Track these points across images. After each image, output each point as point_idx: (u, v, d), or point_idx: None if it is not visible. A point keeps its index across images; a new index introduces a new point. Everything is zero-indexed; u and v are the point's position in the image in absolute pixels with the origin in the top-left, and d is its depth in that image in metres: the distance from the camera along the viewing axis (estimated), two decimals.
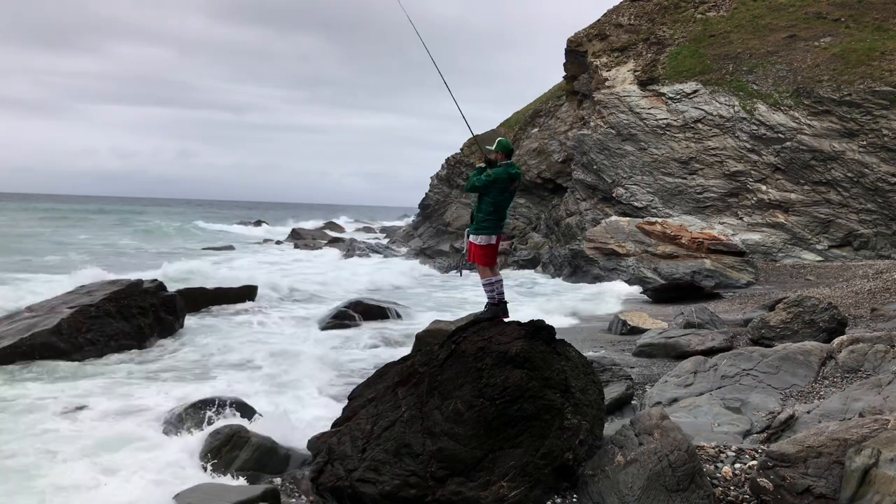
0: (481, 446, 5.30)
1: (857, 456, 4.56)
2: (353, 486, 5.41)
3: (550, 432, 5.38)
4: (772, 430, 6.99)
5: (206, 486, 6.69)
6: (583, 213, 32.19)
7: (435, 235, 41.10)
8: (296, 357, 13.14)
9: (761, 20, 31.81)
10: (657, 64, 31.25)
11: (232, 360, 12.72)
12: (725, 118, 28.53)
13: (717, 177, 28.50)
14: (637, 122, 30.66)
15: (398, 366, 6.46)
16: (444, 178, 46.39)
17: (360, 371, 11.56)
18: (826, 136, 26.33)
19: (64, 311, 12.96)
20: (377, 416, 5.82)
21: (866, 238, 25.60)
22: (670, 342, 11.75)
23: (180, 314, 14.82)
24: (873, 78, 26.06)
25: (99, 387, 10.78)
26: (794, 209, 26.78)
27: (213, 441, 7.66)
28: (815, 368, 8.69)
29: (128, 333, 13.27)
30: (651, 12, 34.37)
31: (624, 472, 5.04)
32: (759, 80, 28.64)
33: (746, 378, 8.63)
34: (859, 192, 25.74)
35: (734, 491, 5.13)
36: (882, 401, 6.90)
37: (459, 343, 5.89)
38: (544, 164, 37.63)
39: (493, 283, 6.55)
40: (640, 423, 5.45)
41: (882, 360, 8.56)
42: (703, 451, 5.70)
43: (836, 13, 30.68)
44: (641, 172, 30.28)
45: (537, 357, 5.59)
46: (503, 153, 6.52)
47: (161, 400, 10.24)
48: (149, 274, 18.91)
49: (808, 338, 10.64)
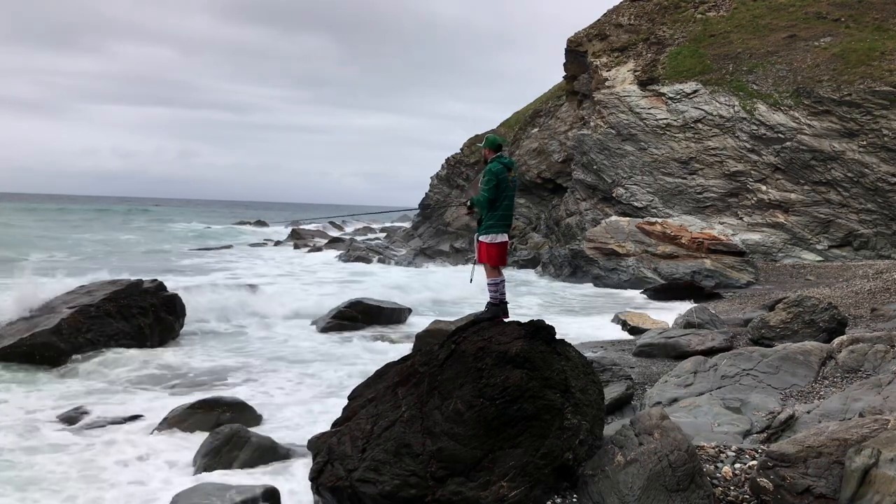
0: (481, 446, 5.29)
1: (857, 456, 4.55)
2: (353, 486, 5.41)
3: (550, 432, 5.37)
4: (772, 430, 6.99)
5: (206, 485, 6.70)
6: (583, 213, 32.19)
7: (435, 235, 41.10)
8: (296, 357, 13.16)
9: (761, 20, 31.82)
10: (657, 64, 31.25)
11: (232, 361, 12.72)
12: (725, 118, 28.53)
13: (717, 177, 28.50)
14: (637, 122, 30.66)
15: (398, 366, 6.46)
16: (444, 178, 46.40)
17: (360, 371, 11.55)
18: (826, 136, 26.34)
19: (64, 311, 12.96)
20: (377, 416, 5.82)
21: (866, 238, 25.60)
22: (670, 342, 11.75)
23: (180, 314, 14.81)
24: (873, 78, 26.06)
25: (99, 386, 10.79)
26: (794, 209, 26.79)
27: (214, 441, 7.66)
28: (815, 368, 8.69)
29: (128, 333, 13.27)
30: (651, 12, 34.37)
31: (624, 472, 5.04)
32: (759, 80, 28.65)
33: (746, 378, 8.63)
34: (859, 192, 25.74)
35: (734, 491, 5.12)
36: (882, 401, 6.90)
37: (459, 343, 5.89)
38: (544, 164, 37.63)
39: (498, 284, 6.57)
40: (640, 423, 5.45)
41: (882, 360, 8.56)
42: (703, 451, 5.70)
43: (836, 13, 30.68)
44: (641, 172, 30.29)
45: (537, 357, 5.59)
46: (491, 149, 6.66)
47: (161, 400, 10.25)
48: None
49: (808, 338, 10.63)
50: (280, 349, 13.82)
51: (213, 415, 8.78)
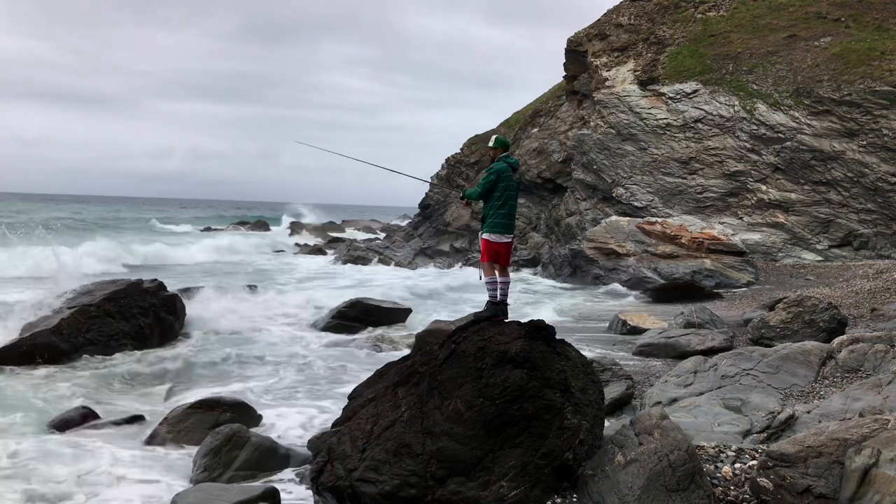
0: (481, 446, 5.30)
1: (857, 456, 4.56)
2: (353, 485, 5.41)
3: (550, 432, 5.37)
4: (772, 430, 7.00)
5: (206, 486, 6.70)
6: (583, 213, 32.19)
7: (435, 235, 41.07)
8: (296, 357, 13.16)
9: (761, 20, 31.81)
10: (657, 64, 31.24)
11: (232, 361, 12.72)
12: (725, 118, 28.53)
13: (717, 177, 28.49)
14: (637, 121, 30.66)
15: (398, 365, 6.46)
16: (444, 177, 46.39)
17: (360, 371, 11.56)
18: (826, 135, 26.33)
19: (64, 311, 12.96)
20: (377, 416, 5.82)
21: (866, 238, 25.59)
22: (670, 342, 11.76)
23: (180, 314, 14.81)
24: (873, 78, 26.05)
25: (99, 387, 10.79)
26: (794, 209, 26.78)
27: (214, 441, 7.66)
28: (815, 368, 8.70)
29: (128, 333, 13.26)
30: (651, 12, 34.37)
31: (624, 471, 5.04)
32: (759, 79, 28.64)
33: (746, 378, 8.63)
34: (859, 191, 25.73)
35: (734, 491, 5.13)
36: (882, 401, 6.91)
37: (459, 343, 5.89)
38: (544, 164, 37.62)
39: (497, 283, 6.58)
40: (640, 423, 5.45)
41: (882, 360, 8.56)
42: (703, 450, 5.70)
43: (836, 13, 30.67)
44: (641, 172, 30.28)
45: (537, 357, 5.59)
46: (501, 148, 6.80)
47: (161, 400, 10.26)
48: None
49: (808, 338, 10.64)
50: (280, 349, 13.82)
51: (212, 415, 8.77)
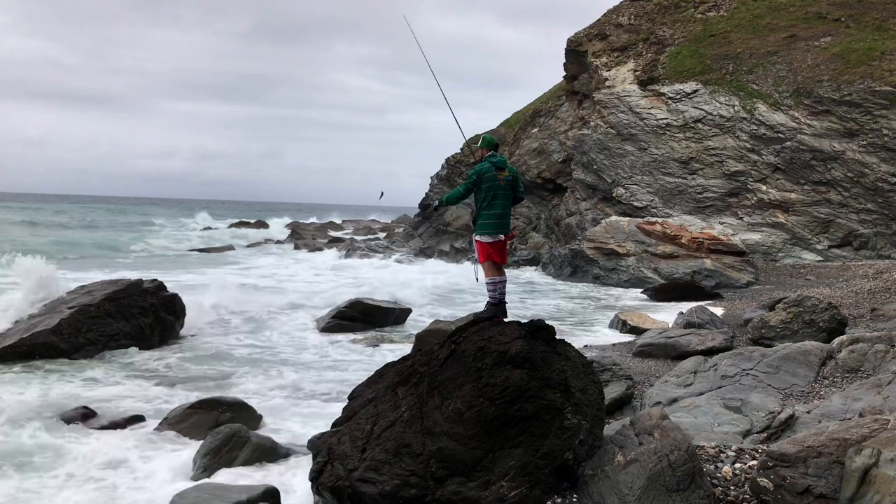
0: (481, 446, 5.30)
1: (857, 456, 4.55)
2: (353, 485, 5.41)
3: (550, 432, 5.37)
4: (772, 430, 6.99)
5: (206, 485, 6.70)
6: (583, 213, 32.19)
7: (435, 235, 41.06)
8: (296, 357, 13.17)
9: (761, 20, 31.81)
10: (657, 64, 31.24)
11: (232, 361, 12.73)
12: (725, 118, 28.53)
13: (717, 177, 28.50)
14: (637, 121, 30.66)
15: (398, 366, 6.46)
16: (444, 177, 46.38)
17: (360, 371, 11.55)
18: (826, 136, 26.33)
19: (64, 311, 12.96)
20: (377, 416, 5.82)
21: (866, 238, 25.59)
22: (670, 342, 11.75)
23: (181, 314, 14.80)
24: (873, 78, 26.05)
25: (99, 387, 10.79)
26: (794, 209, 26.78)
27: (214, 441, 7.66)
28: (815, 368, 8.69)
29: (128, 333, 13.26)
30: (651, 12, 34.37)
31: (624, 471, 5.04)
32: (759, 80, 28.64)
33: (746, 378, 8.63)
34: (859, 192, 25.73)
35: (734, 491, 5.13)
36: (882, 401, 6.91)
37: (459, 343, 5.89)
38: (544, 164, 37.64)
39: (497, 283, 6.58)
40: (640, 423, 5.45)
41: (882, 360, 8.56)
42: (703, 451, 5.70)
43: (836, 13, 30.67)
44: (641, 172, 30.28)
45: (537, 357, 5.59)
46: (487, 148, 6.71)
47: (161, 400, 10.26)
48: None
49: (808, 338, 10.64)
50: (280, 349, 13.83)
51: (212, 415, 8.77)
